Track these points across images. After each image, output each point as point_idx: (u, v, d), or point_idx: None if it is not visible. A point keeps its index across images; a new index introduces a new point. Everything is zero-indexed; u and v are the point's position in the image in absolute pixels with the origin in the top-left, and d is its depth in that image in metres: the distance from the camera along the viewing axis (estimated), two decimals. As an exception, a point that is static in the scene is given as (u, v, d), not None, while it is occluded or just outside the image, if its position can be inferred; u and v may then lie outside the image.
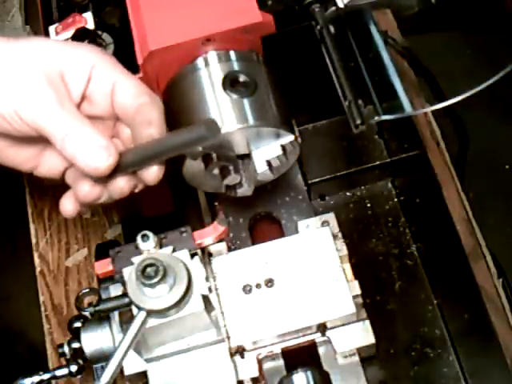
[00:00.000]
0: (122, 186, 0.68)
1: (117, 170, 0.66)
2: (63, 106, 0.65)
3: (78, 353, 0.74)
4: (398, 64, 0.78)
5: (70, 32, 0.77)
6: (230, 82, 0.71)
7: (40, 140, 0.67)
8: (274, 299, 0.74)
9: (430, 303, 0.85)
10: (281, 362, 0.74)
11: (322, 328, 0.74)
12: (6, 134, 0.68)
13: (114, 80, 0.68)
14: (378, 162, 0.90)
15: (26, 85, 0.65)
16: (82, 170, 0.66)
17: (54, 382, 0.78)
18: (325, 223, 0.77)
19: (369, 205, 0.91)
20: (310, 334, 0.74)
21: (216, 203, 0.86)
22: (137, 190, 0.70)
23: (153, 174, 0.68)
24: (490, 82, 0.66)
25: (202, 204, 0.87)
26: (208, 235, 0.72)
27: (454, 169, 0.94)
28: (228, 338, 0.73)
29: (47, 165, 0.72)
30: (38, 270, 0.97)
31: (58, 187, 0.99)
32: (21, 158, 0.71)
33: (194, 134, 0.65)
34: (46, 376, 0.74)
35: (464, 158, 1.10)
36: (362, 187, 0.92)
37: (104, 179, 0.67)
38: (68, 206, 0.71)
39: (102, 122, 0.70)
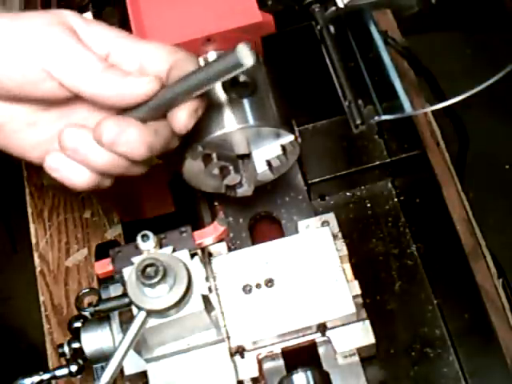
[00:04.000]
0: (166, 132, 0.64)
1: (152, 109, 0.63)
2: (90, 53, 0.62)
3: (78, 353, 0.74)
4: (398, 64, 0.78)
5: (70, 32, 0.77)
6: (230, 82, 0.71)
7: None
8: (274, 299, 0.74)
9: (430, 303, 0.85)
10: (281, 362, 0.74)
11: (322, 328, 0.74)
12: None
13: (139, 58, 0.65)
14: (377, 162, 0.90)
15: (48, 41, 0.62)
16: (129, 100, 0.62)
17: (54, 382, 0.78)
18: (325, 223, 0.77)
19: (369, 205, 0.91)
20: (310, 333, 0.74)
21: (216, 203, 0.86)
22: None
23: (180, 118, 0.64)
24: (490, 82, 0.66)
25: (201, 204, 0.87)
26: (208, 235, 0.72)
27: (454, 169, 0.94)
28: (228, 338, 0.73)
29: None
30: (38, 269, 0.96)
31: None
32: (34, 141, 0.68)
33: (229, 62, 0.61)
34: (46, 376, 0.74)
35: (464, 158, 1.09)
36: (362, 187, 0.92)
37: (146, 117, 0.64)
38: None
39: None
